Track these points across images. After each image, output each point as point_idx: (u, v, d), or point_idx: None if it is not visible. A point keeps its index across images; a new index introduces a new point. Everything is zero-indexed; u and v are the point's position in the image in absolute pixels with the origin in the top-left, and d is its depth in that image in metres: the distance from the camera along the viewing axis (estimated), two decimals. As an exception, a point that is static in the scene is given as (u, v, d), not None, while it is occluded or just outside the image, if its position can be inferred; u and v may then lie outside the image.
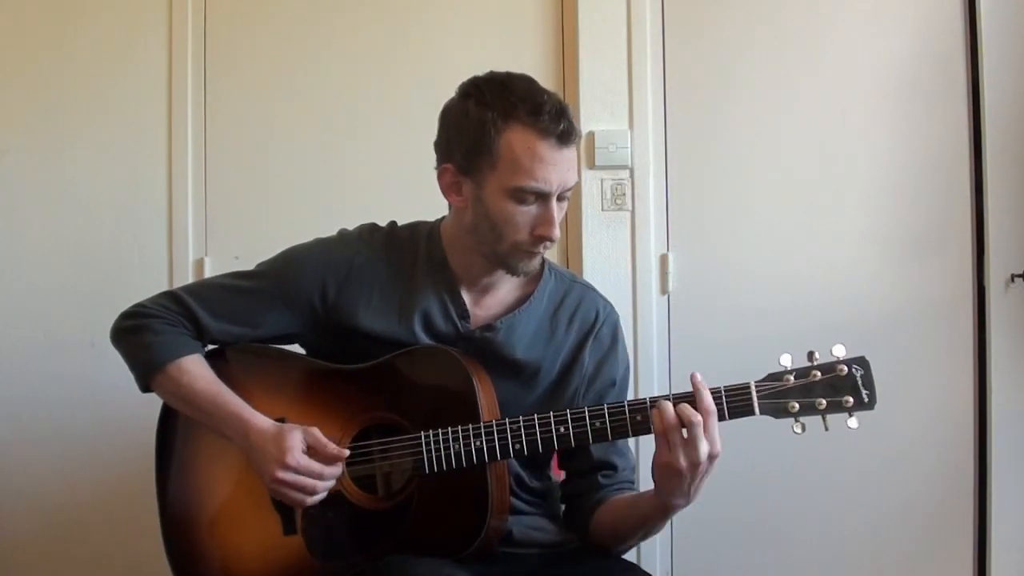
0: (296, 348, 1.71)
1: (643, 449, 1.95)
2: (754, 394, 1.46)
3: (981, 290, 2.31)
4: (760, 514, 2.34)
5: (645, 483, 1.58)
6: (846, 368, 1.45)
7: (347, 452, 1.56)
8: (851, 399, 1.45)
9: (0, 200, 2.50)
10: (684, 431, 1.43)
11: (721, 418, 1.46)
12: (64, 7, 2.50)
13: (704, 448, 1.42)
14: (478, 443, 1.51)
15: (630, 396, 1.79)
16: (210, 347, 1.69)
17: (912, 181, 2.34)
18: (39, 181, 2.50)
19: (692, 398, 1.45)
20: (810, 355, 1.47)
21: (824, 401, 1.45)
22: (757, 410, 1.46)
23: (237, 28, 2.49)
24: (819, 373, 1.46)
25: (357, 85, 2.46)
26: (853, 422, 1.45)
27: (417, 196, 1.80)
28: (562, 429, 1.51)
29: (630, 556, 2.12)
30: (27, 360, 2.47)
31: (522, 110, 1.49)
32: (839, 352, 1.47)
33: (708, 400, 1.44)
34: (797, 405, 1.46)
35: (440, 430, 1.52)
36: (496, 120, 1.50)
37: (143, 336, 1.63)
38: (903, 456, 2.29)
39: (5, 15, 2.51)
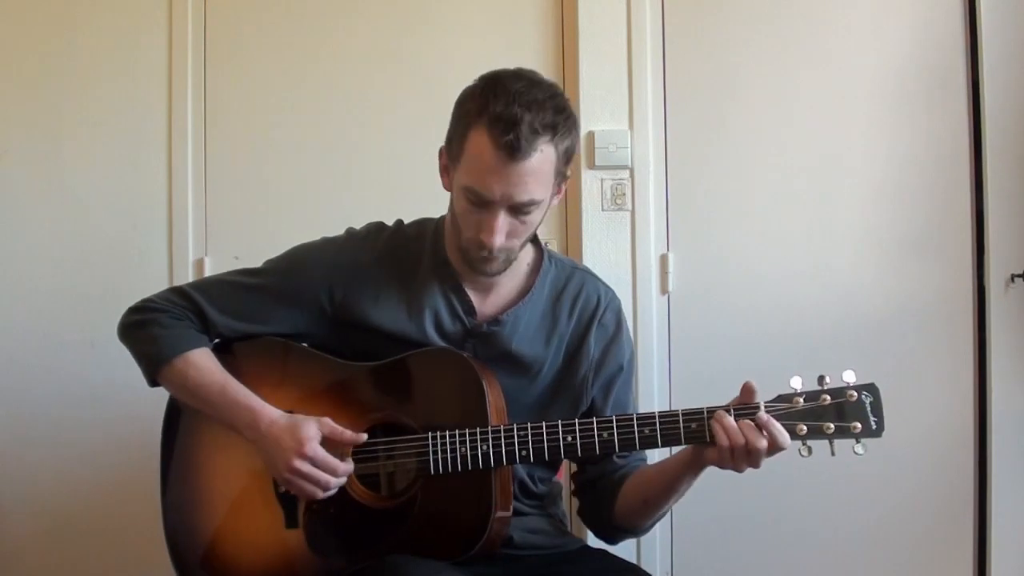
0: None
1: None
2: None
3: (981, 290, 2.30)
4: (760, 514, 2.34)
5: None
6: (856, 394, 1.45)
7: (364, 436, 1.55)
8: (859, 425, 1.45)
9: (0, 200, 2.50)
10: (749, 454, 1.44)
11: None
12: (64, 7, 2.50)
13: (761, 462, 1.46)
14: (484, 447, 1.51)
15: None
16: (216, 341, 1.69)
17: (912, 181, 2.33)
18: (39, 181, 2.50)
19: (750, 412, 1.46)
20: (820, 379, 1.47)
21: (832, 426, 1.45)
22: None
23: (237, 28, 2.48)
24: (829, 397, 1.46)
25: (357, 85, 2.46)
26: (860, 448, 1.45)
27: (418, 195, 1.80)
28: (569, 438, 1.51)
29: (630, 556, 2.13)
30: (27, 360, 2.47)
31: (487, 114, 1.46)
32: (849, 377, 1.47)
33: (784, 442, 1.44)
34: (805, 428, 1.46)
35: (447, 432, 1.52)
36: (470, 116, 1.49)
37: (150, 330, 1.63)
38: (903, 456, 2.28)
39: (5, 15, 2.50)
